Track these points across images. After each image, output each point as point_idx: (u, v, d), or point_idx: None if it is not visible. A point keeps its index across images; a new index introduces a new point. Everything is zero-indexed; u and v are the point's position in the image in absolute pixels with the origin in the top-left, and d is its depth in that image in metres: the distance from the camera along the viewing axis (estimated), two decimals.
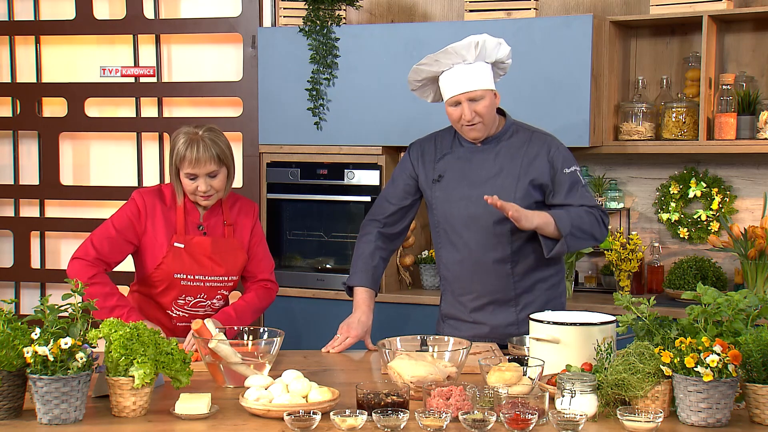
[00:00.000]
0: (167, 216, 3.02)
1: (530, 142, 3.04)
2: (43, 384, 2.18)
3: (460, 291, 3.09)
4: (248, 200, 3.21)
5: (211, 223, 3.07)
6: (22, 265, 5.02)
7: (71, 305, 2.32)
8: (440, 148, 3.11)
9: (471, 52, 2.92)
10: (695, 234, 4.33)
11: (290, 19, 4.57)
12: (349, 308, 4.42)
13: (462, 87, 2.93)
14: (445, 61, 2.94)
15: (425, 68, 3.00)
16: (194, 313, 3.05)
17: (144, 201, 3.02)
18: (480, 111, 2.94)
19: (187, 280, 3.02)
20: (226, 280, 3.05)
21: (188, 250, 3.01)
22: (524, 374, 2.40)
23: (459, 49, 2.92)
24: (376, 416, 2.15)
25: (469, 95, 2.93)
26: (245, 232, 3.11)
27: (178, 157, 2.94)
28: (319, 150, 4.49)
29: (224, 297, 3.12)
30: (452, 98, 2.95)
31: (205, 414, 2.26)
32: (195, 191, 2.97)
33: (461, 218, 3.03)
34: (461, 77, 2.93)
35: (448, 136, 3.12)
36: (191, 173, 2.95)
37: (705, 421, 2.16)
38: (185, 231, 3.02)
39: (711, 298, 2.28)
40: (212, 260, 3.03)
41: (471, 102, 2.93)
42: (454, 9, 4.68)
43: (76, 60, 4.99)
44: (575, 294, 4.32)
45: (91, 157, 5.05)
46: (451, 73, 2.95)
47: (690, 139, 4.12)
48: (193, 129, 2.97)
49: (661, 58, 4.38)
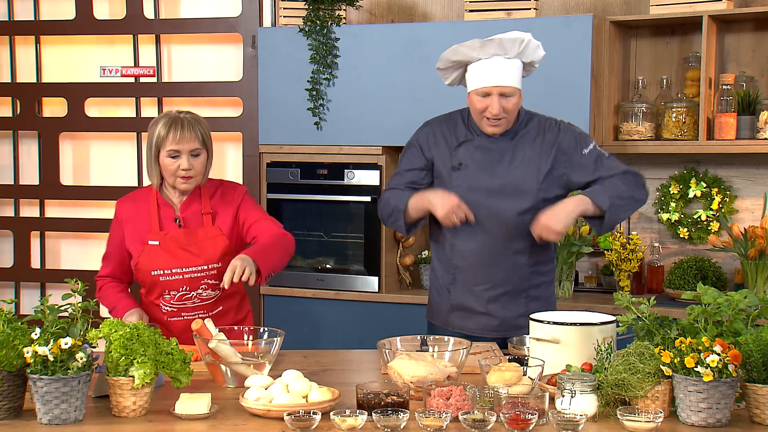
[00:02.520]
0: (141, 216, 3.04)
1: (544, 131, 3.06)
2: (43, 384, 2.18)
3: (474, 281, 3.07)
4: (232, 183, 3.16)
5: (187, 214, 3.04)
6: (22, 265, 5.02)
7: (71, 305, 2.32)
8: (457, 135, 3.08)
9: (515, 47, 2.93)
10: (695, 234, 4.33)
11: (290, 19, 4.57)
12: (350, 308, 4.43)
13: (498, 80, 2.92)
14: (488, 50, 2.92)
15: (466, 50, 2.96)
16: (182, 306, 3.02)
17: (119, 210, 3.08)
18: (508, 108, 2.94)
19: (165, 275, 2.99)
20: (206, 269, 3.01)
21: (163, 245, 2.99)
22: (524, 374, 2.40)
23: (504, 42, 2.92)
24: (376, 416, 2.15)
25: (503, 89, 2.92)
26: (227, 217, 3.05)
27: (159, 138, 2.94)
28: (319, 150, 4.49)
29: (212, 286, 3.03)
30: (484, 88, 2.93)
31: (205, 414, 2.26)
32: (176, 171, 2.95)
33: (483, 208, 3.00)
34: (499, 70, 2.92)
35: (460, 123, 3.10)
36: (174, 150, 2.93)
37: (705, 421, 2.16)
38: (160, 227, 3.01)
39: (711, 298, 2.28)
40: (188, 251, 2.99)
41: (502, 97, 2.93)
42: (454, 9, 4.68)
43: (76, 60, 4.99)
44: (575, 294, 4.32)
45: (91, 157, 5.05)
46: (487, 63, 2.93)
47: (690, 139, 4.12)
48: (173, 112, 2.99)
49: (661, 58, 4.38)
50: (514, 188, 3.00)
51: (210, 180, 3.11)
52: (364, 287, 4.42)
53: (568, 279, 4.23)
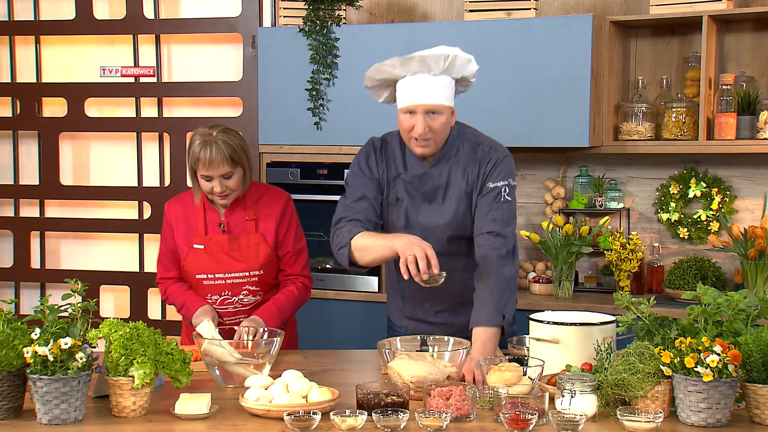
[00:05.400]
0: (188, 219, 3.09)
1: (474, 156, 2.90)
2: (43, 384, 2.18)
3: (421, 298, 3.01)
4: (277, 190, 3.18)
5: (232, 220, 3.08)
6: (22, 265, 5.02)
7: (71, 305, 2.32)
8: (395, 165, 2.95)
9: (439, 63, 2.78)
10: (695, 234, 4.33)
11: (290, 19, 4.57)
12: (349, 309, 4.43)
13: (421, 98, 2.77)
14: (411, 67, 2.80)
15: (387, 69, 2.85)
16: (224, 310, 3.06)
17: (167, 212, 3.13)
18: (434, 127, 2.79)
19: (209, 279, 3.04)
20: (248, 276, 3.05)
21: (207, 249, 3.04)
22: (524, 374, 2.40)
23: (427, 59, 2.78)
24: (376, 416, 2.15)
25: (427, 107, 2.77)
26: (270, 224, 3.09)
27: (194, 159, 2.97)
28: (319, 150, 4.49)
29: (253, 293, 3.07)
30: (408, 106, 2.79)
31: (205, 414, 2.26)
32: (211, 191, 3.01)
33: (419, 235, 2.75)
34: (423, 87, 2.78)
35: (398, 151, 2.96)
36: (206, 175, 2.97)
37: (705, 421, 2.16)
38: (206, 231, 3.06)
39: (711, 298, 2.28)
40: (231, 257, 3.04)
41: (427, 115, 2.77)
42: (454, 9, 4.68)
43: (76, 60, 4.99)
44: (575, 294, 4.32)
45: (91, 157, 5.05)
46: (412, 80, 2.80)
47: (690, 139, 4.12)
48: (207, 130, 2.98)
49: (661, 58, 4.38)
50: (448, 223, 2.90)
51: (256, 184, 3.14)
52: (364, 287, 4.42)
53: (567, 279, 4.23)
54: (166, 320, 4.85)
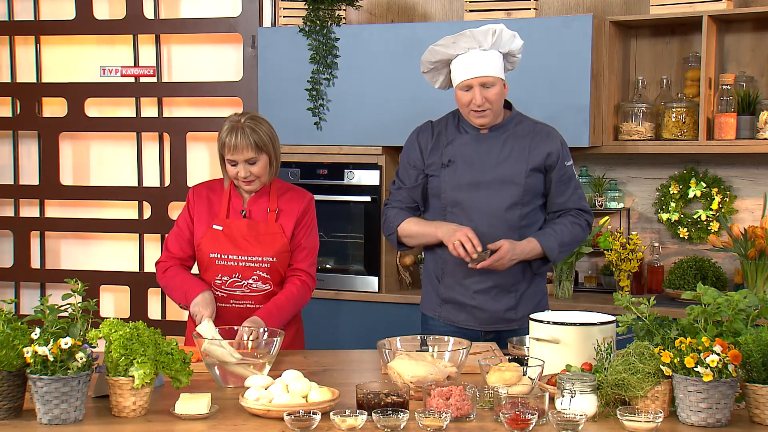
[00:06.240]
0: (212, 202, 3.15)
1: (534, 132, 3.12)
2: (43, 384, 2.18)
3: (463, 274, 3.10)
4: (302, 190, 3.23)
5: (255, 208, 3.13)
6: (22, 265, 5.02)
7: (71, 305, 2.32)
8: (448, 134, 3.15)
9: (488, 38, 2.99)
10: (695, 234, 4.33)
11: (290, 19, 4.57)
12: (349, 309, 4.43)
13: (476, 71, 2.99)
14: (462, 45, 3.00)
15: (441, 49, 3.05)
16: (232, 293, 3.08)
17: (193, 193, 3.19)
18: (490, 97, 3.00)
19: (222, 259, 3.07)
20: (260, 261, 3.07)
21: (226, 231, 3.09)
22: (524, 374, 2.40)
23: (476, 34, 2.99)
24: (376, 416, 2.15)
25: (482, 80, 2.99)
26: (290, 218, 3.14)
27: (221, 143, 3.06)
28: (319, 150, 4.49)
29: (263, 279, 3.08)
30: (464, 82, 3.01)
31: (205, 414, 2.26)
32: (236, 176, 3.07)
33: (471, 203, 3.07)
34: (475, 62, 2.99)
35: (451, 123, 3.17)
36: (231, 159, 3.05)
37: (705, 421, 2.16)
38: (227, 215, 3.12)
39: (711, 298, 2.28)
40: (247, 241, 3.08)
41: (482, 87, 3.00)
42: (454, 9, 4.68)
43: (76, 60, 5.00)
44: (575, 294, 4.32)
45: (91, 157, 5.06)
46: (465, 57, 3.01)
47: (690, 139, 4.12)
48: (237, 116, 3.08)
49: (661, 58, 4.38)
50: (502, 181, 3.06)
51: (283, 182, 3.20)
52: (364, 287, 4.42)
53: (567, 279, 4.23)
54: (166, 320, 4.86)
